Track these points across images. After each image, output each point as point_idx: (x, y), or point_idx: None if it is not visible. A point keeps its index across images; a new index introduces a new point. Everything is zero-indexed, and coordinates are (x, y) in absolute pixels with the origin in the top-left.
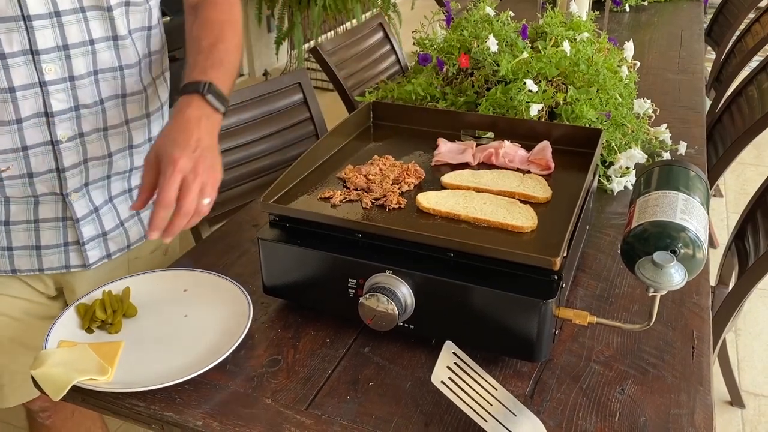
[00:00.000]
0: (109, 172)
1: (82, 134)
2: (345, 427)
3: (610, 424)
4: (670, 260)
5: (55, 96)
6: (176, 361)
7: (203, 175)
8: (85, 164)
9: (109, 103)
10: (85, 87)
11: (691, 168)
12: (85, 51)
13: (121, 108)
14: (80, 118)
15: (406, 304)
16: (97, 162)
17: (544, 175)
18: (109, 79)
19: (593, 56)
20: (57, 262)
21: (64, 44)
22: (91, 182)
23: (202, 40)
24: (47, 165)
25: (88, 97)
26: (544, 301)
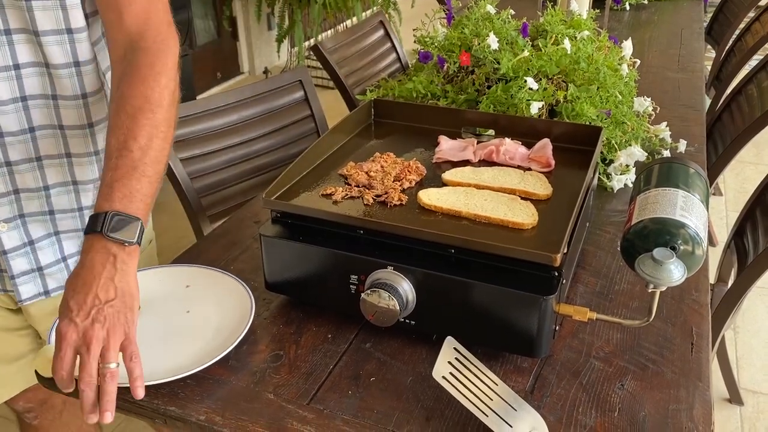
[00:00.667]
0: (51, 208)
1: (9, 163)
2: (347, 422)
3: (609, 419)
4: (670, 256)
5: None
6: (179, 356)
7: (98, 341)
8: (16, 194)
9: (41, 132)
10: (10, 114)
11: (690, 165)
12: (8, 76)
13: (60, 140)
14: (5, 146)
15: (407, 300)
16: (31, 194)
17: (545, 172)
18: (41, 107)
19: (593, 54)
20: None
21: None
22: (27, 214)
23: (112, 135)
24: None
25: (14, 124)
26: (545, 297)
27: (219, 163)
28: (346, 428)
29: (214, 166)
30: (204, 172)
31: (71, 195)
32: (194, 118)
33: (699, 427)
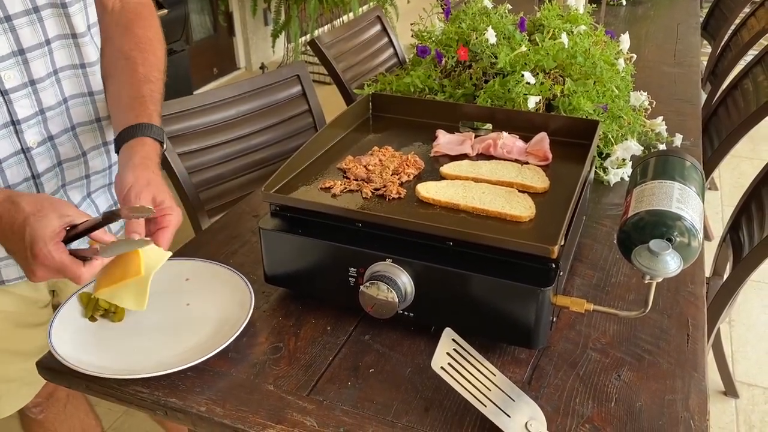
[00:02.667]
0: (87, 172)
1: (51, 137)
2: (346, 413)
3: (606, 409)
4: (666, 248)
5: (18, 103)
6: (179, 348)
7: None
8: (60, 167)
9: (73, 101)
10: (47, 89)
11: (686, 158)
12: (42, 53)
13: (90, 106)
14: (46, 121)
15: (405, 292)
16: (72, 163)
17: (542, 165)
18: (70, 78)
19: (590, 49)
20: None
21: (20, 48)
22: (68, 183)
23: (140, 65)
24: (22, 174)
25: (51, 98)
26: (542, 289)
27: (217, 158)
28: (346, 419)
29: (211, 160)
30: (202, 167)
31: (103, 156)
32: (191, 113)
33: (694, 417)
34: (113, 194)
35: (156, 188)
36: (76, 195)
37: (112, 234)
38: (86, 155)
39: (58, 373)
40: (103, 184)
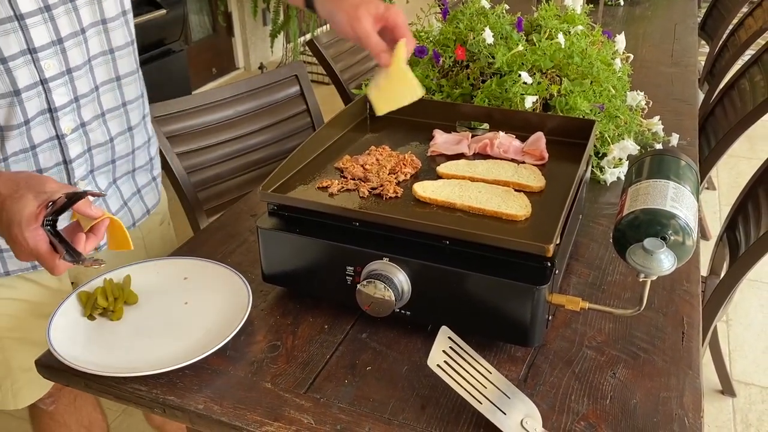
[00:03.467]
0: (113, 157)
1: (83, 124)
2: (343, 410)
3: (601, 406)
4: (660, 246)
5: (56, 91)
6: (177, 346)
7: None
8: (89, 152)
9: (103, 87)
10: (82, 77)
11: (681, 157)
12: (78, 41)
13: (117, 91)
14: (80, 108)
15: (402, 291)
16: (100, 148)
17: (538, 165)
18: (101, 64)
19: (587, 49)
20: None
21: (59, 38)
22: (96, 168)
23: None
24: (55, 159)
25: (85, 85)
26: (538, 287)
27: (215, 158)
28: (343, 416)
29: (210, 160)
30: (200, 167)
31: (128, 141)
32: (190, 113)
33: (689, 414)
34: (137, 181)
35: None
36: (103, 181)
37: (99, 208)
38: (113, 140)
39: (56, 371)
40: (127, 171)
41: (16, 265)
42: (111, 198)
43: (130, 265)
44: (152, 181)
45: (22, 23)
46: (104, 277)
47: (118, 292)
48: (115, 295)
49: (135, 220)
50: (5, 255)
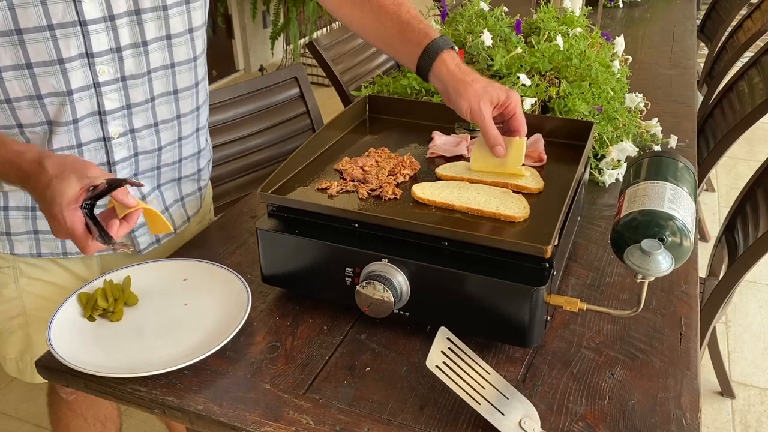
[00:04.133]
0: (158, 164)
1: (133, 130)
2: (342, 411)
3: (599, 406)
4: (658, 247)
5: (108, 96)
6: (176, 347)
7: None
8: (135, 158)
9: (160, 99)
10: (138, 86)
11: (679, 159)
12: (137, 52)
13: (173, 104)
14: (132, 115)
15: (401, 292)
16: (147, 155)
17: (537, 166)
18: (161, 77)
19: (586, 51)
20: None
21: (117, 47)
22: (140, 172)
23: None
24: (99, 159)
25: (140, 95)
26: (536, 288)
27: (215, 159)
28: (342, 417)
29: None
30: None
31: (176, 150)
32: None
33: (687, 415)
34: (181, 189)
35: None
36: (147, 185)
37: (135, 198)
38: (162, 150)
39: (56, 372)
40: (173, 178)
41: (48, 249)
42: (152, 204)
43: (130, 267)
44: (197, 192)
45: (84, 29)
46: (104, 278)
47: (118, 293)
48: (115, 296)
49: (176, 227)
50: (40, 236)
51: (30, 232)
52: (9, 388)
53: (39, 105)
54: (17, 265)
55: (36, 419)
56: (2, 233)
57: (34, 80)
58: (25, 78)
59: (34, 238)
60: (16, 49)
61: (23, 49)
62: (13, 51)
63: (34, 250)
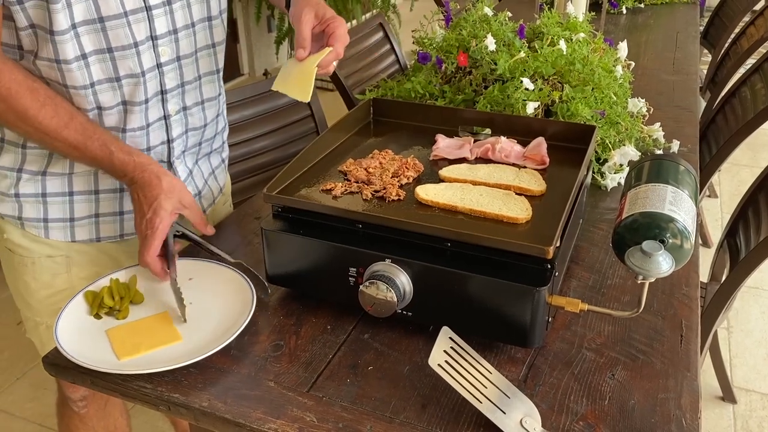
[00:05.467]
0: (201, 139)
1: (185, 108)
2: (345, 408)
3: (600, 406)
4: (658, 248)
5: (168, 75)
6: (182, 345)
7: None
8: (186, 134)
9: (205, 78)
10: (189, 65)
11: (680, 162)
12: (188, 33)
13: (216, 83)
14: (185, 93)
15: (404, 292)
16: (195, 132)
17: (539, 169)
18: (205, 57)
19: (588, 56)
20: None
21: (174, 28)
22: (188, 148)
23: None
24: (161, 138)
25: (191, 73)
26: (538, 289)
27: None
28: (345, 414)
29: None
30: None
31: (214, 126)
32: None
33: (686, 415)
34: (211, 162)
35: (317, 6)
36: (190, 161)
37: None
38: (207, 126)
39: (63, 369)
40: (206, 153)
41: (107, 232)
42: (197, 176)
43: (136, 266)
44: (222, 163)
45: (150, 14)
46: (111, 277)
47: (124, 292)
48: (121, 294)
49: (214, 197)
50: (99, 219)
51: (92, 216)
52: (13, 387)
53: (117, 87)
54: (70, 254)
55: (40, 419)
56: (65, 219)
57: (114, 63)
58: (106, 61)
59: (94, 222)
60: (98, 36)
61: (105, 35)
62: (96, 37)
63: (94, 235)
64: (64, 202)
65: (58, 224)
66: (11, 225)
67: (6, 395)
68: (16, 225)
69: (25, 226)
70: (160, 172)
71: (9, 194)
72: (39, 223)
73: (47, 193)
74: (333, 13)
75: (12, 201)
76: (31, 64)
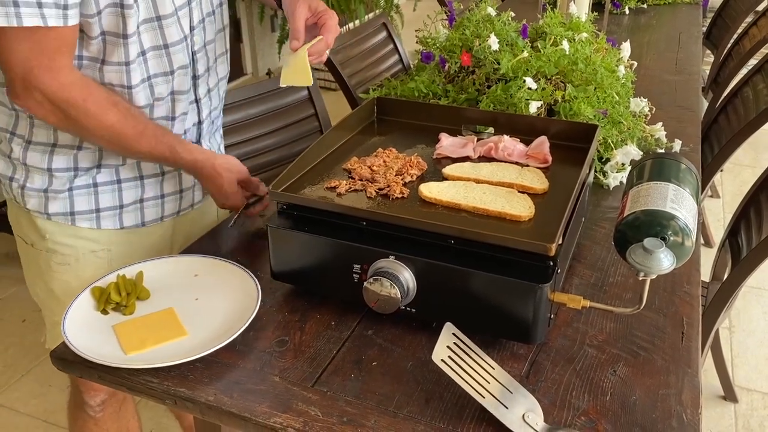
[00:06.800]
0: (214, 118)
1: (209, 90)
2: (349, 403)
3: (601, 402)
4: (660, 246)
5: (199, 62)
6: (188, 341)
7: None
8: (210, 115)
9: (219, 59)
10: (211, 50)
11: (682, 161)
12: (210, 20)
13: (225, 64)
14: (209, 76)
15: (408, 288)
16: (214, 112)
17: (542, 168)
18: (219, 39)
19: (591, 56)
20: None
21: (202, 18)
22: (204, 131)
23: None
24: (193, 120)
25: (212, 57)
26: (540, 286)
27: None
28: (349, 409)
29: None
30: None
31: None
32: None
33: (687, 411)
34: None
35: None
36: (207, 139)
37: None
38: (217, 109)
39: (71, 363)
40: (213, 130)
41: (151, 216)
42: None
43: (142, 262)
44: (221, 139)
45: (190, 7)
46: (117, 273)
47: (130, 288)
48: (127, 290)
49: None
50: (144, 204)
51: (137, 201)
52: (18, 384)
53: (171, 79)
54: (110, 248)
55: (45, 415)
56: (115, 207)
57: (169, 58)
58: (162, 57)
59: (139, 208)
60: (156, 33)
61: (161, 32)
62: (154, 35)
63: (139, 220)
64: (114, 190)
65: (108, 212)
66: (57, 225)
67: (11, 392)
68: (65, 222)
69: (76, 221)
70: (216, 164)
71: (63, 190)
72: (91, 214)
73: (98, 183)
74: (325, 6)
75: (65, 197)
76: (97, 71)
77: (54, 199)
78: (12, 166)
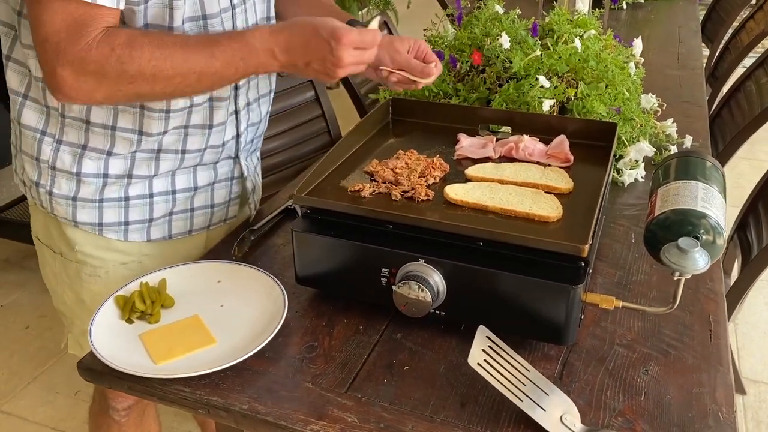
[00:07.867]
0: (254, 136)
1: (248, 103)
2: (385, 408)
3: (637, 402)
4: (695, 245)
5: None
6: (216, 348)
7: None
8: (247, 129)
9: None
10: None
11: (707, 159)
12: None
13: (267, 81)
14: (249, 89)
15: (438, 292)
16: (253, 127)
17: (564, 167)
18: None
19: (601, 53)
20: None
21: (245, 27)
22: (246, 144)
23: None
24: (232, 132)
25: None
26: (573, 287)
27: None
28: (385, 414)
29: None
30: None
31: (264, 123)
32: None
33: (722, 409)
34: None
35: (401, 39)
36: (242, 156)
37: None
38: (261, 122)
39: (99, 374)
40: (254, 149)
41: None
42: (251, 171)
43: (164, 269)
44: (259, 161)
45: (234, 12)
46: (140, 281)
47: (154, 296)
48: (152, 298)
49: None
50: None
51: (167, 215)
52: (25, 392)
53: None
54: (141, 259)
55: (53, 423)
56: (144, 221)
57: None
58: None
59: (168, 221)
60: (200, 32)
61: (206, 31)
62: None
63: (166, 233)
64: (144, 204)
65: (136, 226)
66: (85, 235)
67: (18, 399)
68: (93, 232)
69: (103, 232)
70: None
71: (93, 200)
72: (119, 227)
73: (129, 197)
74: (409, 38)
75: (94, 207)
76: None
77: (83, 208)
78: (38, 170)
